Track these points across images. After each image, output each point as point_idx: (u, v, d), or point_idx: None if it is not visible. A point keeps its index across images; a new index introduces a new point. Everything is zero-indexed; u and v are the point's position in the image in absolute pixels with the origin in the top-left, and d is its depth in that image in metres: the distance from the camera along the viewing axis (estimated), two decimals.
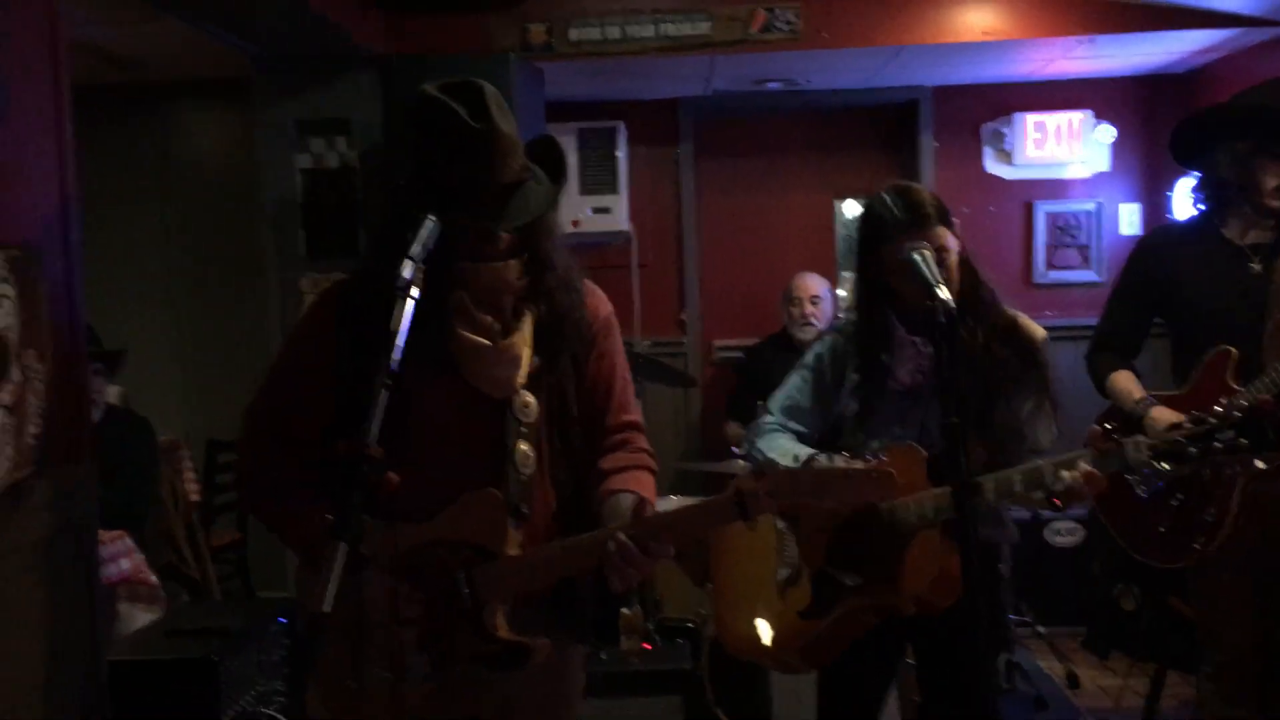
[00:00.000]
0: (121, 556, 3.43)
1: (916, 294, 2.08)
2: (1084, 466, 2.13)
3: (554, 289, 1.95)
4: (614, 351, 2.08)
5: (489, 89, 1.87)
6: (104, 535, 3.33)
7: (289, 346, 2.07)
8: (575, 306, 1.99)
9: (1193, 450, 2.14)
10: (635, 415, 2.09)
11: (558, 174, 1.95)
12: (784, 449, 2.35)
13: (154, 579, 3.57)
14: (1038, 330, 2.40)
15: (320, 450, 1.87)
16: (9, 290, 1.86)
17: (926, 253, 2.11)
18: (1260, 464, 2.39)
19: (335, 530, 1.48)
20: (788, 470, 1.78)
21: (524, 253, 1.93)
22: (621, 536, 1.81)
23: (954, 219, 2.34)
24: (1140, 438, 2.19)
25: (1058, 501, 2.16)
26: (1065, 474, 2.12)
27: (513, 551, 1.91)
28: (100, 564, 3.12)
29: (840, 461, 1.78)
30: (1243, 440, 2.12)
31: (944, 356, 1.93)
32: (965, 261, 2.34)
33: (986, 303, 2.35)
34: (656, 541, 1.81)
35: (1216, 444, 2.13)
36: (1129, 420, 2.92)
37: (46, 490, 2.03)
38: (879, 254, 2.29)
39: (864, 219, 2.36)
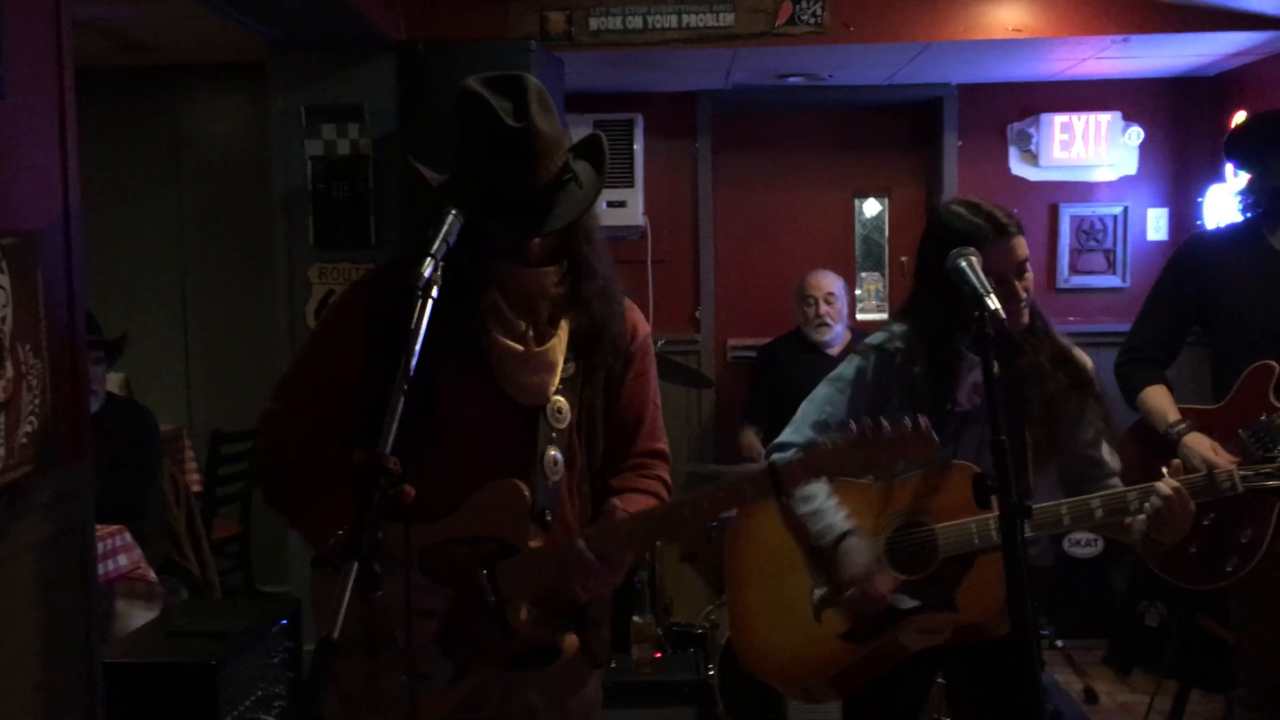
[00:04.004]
0: (119, 552, 3.33)
1: (968, 305, 1.97)
2: (1171, 483, 2.03)
3: (592, 299, 1.88)
4: (649, 374, 2.02)
5: (532, 84, 1.78)
6: (101, 530, 3.24)
7: (320, 332, 2.00)
8: (614, 319, 1.92)
9: None
10: (662, 444, 2.04)
11: (600, 175, 1.86)
12: (825, 518, 2.25)
13: (152, 576, 3.48)
14: (1087, 360, 2.30)
15: (346, 439, 1.82)
16: (3, 280, 1.76)
17: (974, 259, 1.99)
18: None
19: (346, 549, 1.39)
20: (822, 442, 1.69)
21: (562, 258, 1.86)
22: (580, 544, 1.77)
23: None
24: (1233, 468, 2.11)
25: (1153, 537, 2.09)
26: (1155, 497, 2.04)
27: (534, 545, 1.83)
28: (97, 561, 3.05)
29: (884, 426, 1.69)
30: None
31: (991, 371, 1.82)
32: None
33: (1042, 327, 2.25)
34: (617, 550, 1.79)
35: None
36: (1162, 441, 2.82)
37: (45, 491, 1.94)
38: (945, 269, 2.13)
39: (934, 232, 2.24)
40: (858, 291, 5.65)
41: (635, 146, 5.16)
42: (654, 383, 2.04)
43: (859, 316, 5.42)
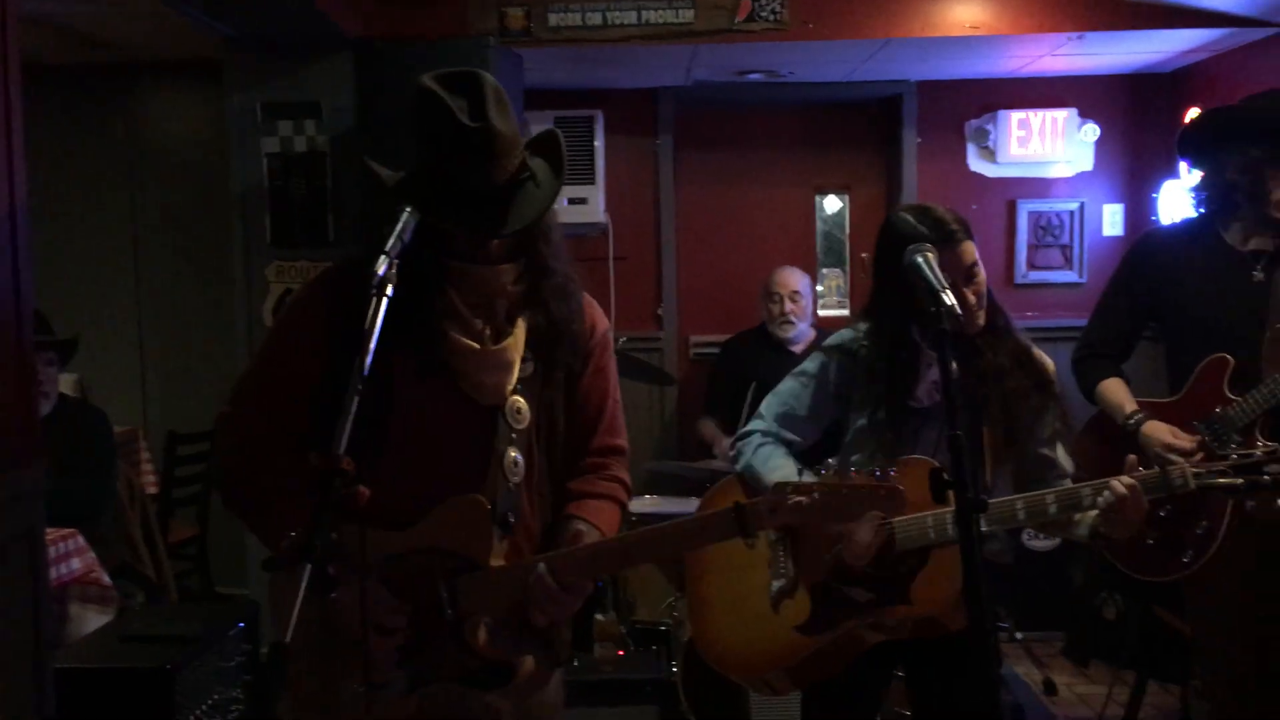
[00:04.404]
0: (72, 556, 3.28)
1: (924, 302, 1.98)
2: (1126, 480, 2.05)
3: (550, 297, 1.87)
4: (609, 369, 2.01)
5: (489, 81, 1.77)
6: (54, 534, 3.20)
7: (276, 333, 1.98)
8: (573, 317, 1.91)
9: (1241, 482, 2.08)
10: (621, 440, 2.03)
11: (558, 172, 1.85)
12: (783, 471, 2.25)
13: (106, 579, 3.42)
14: (1048, 361, 2.33)
15: (304, 440, 1.79)
16: None
17: (930, 255, 2.00)
18: None
19: (300, 551, 1.37)
20: (793, 488, 1.69)
21: (520, 256, 1.85)
22: (541, 569, 1.76)
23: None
24: (1185, 465, 2.13)
25: (1104, 533, 2.10)
26: (1107, 492, 2.06)
27: (497, 562, 1.81)
28: (49, 564, 3.00)
29: (851, 476, 1.68)
30: None
31: (948, 366, 1.83)
32: None
33: (1003, 326, 2.27)
34: (576, 577, 1.78)
35: (1264, 477, 2.07)
36: (1120, 433, 2.85)
37: None
38: (901, 266, 2.14)
39: (886, 237, 2.25)
40: (819, 288, 5.66)
41: (596, 143, 5.15)
42: (613, 378, 2.03)
43: (820, 313, 5.43)
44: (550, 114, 4.98)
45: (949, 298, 1.87)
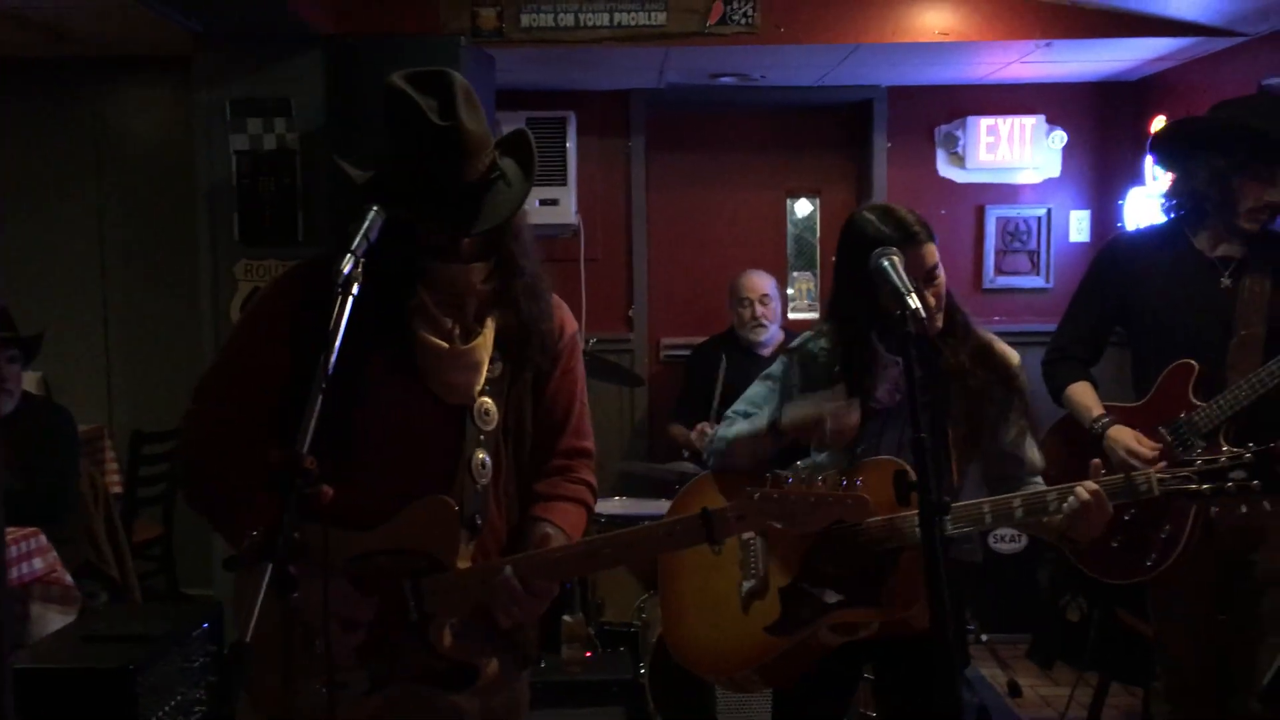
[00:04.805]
0: (34, 555, 3.24)
1: (888, 305, 1.99)
2: (1090, 486, 2.07)
3: (520, 296, 1.87)
4: (577, 371, 2.02)
5: (459, 81, 1.77)
6: (16, 533, 3.17)
7: (242, 330, 1.95)
8: (542, 317, 1.91)
9: (1205, 488, 2.09)
10: (588, 442, 2.04)
11: (527, 172, 1.85)
12: (737, 428, 2.35)
13: (69, 579, 3.38)
14: (1012, 353, 2.34)
15: (270, 438, 1.78)
16: None
17: (896, 259, 2.02)
18: (1269, 505, 2.44)
19: (260, 550, 1.36)
20: (760, 495, 1.70)
21: (490, 256, 1.85)
22: (507, 571, 1.76)
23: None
24: (1150, 471, 2.15)
25: (1069, 535, 2.12)
26: (1072, 498, 2.07)
27: (464, 564, 1.81)
28: (11, 563, 2.96)
29: (817, 483, 1.70)
30: (1255, 482, 2.06)
31: (912, 369, 1.84)
32: None
33: (962, 324, 2.28)
34: (542, 580, 1.79)
35: (1228, 484, 2.08)
36: (1086, 436, 2.87)
37: None
38: (864, 268, 2.14)
39: (848, 236, 2.26)
40: (789, 291, 5.68)
41: (568, 144, 5.14)
42: (581, 380, 2.04)
43: (791, 316, 5.45)
44: (522, 114, 4.97)
45: (914, 301, 1.89)
